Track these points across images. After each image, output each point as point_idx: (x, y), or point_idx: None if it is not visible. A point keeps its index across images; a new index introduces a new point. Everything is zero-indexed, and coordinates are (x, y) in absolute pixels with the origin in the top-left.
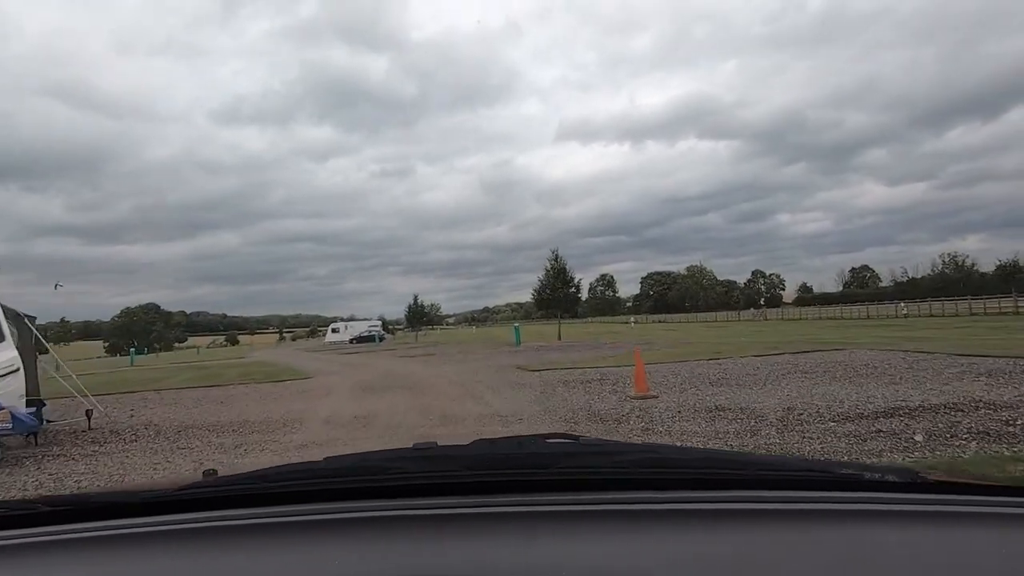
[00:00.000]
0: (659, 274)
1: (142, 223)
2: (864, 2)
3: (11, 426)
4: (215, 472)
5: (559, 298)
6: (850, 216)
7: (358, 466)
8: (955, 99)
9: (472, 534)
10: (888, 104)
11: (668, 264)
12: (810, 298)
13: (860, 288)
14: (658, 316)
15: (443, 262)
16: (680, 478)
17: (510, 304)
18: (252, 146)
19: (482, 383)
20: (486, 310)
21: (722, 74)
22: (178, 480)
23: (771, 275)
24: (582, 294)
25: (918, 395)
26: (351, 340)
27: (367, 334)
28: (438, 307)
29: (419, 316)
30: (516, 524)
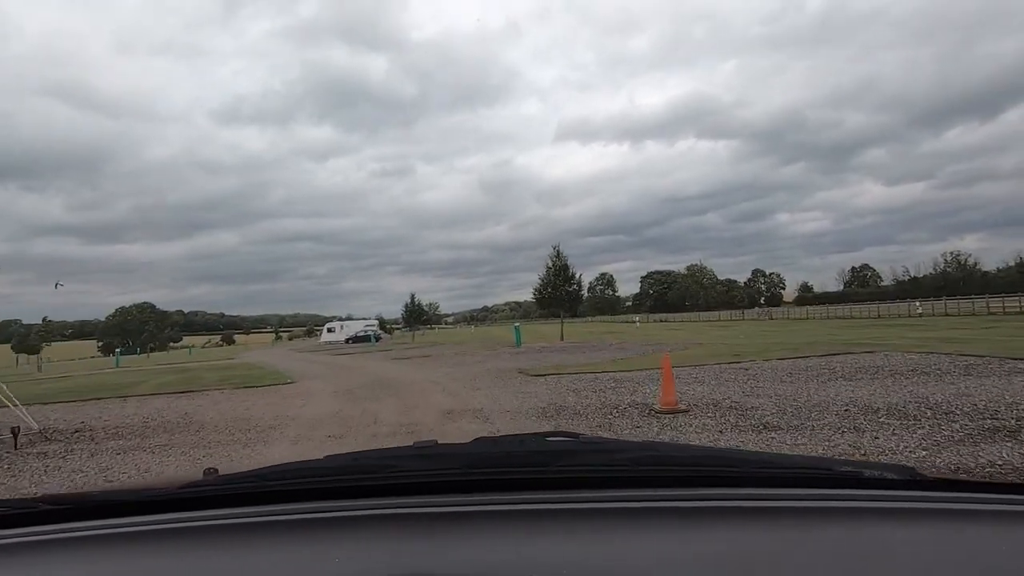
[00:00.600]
0: (659, 273)
1: (141, 223)
2: (863, 2)
3: None
4: (215, 470)
5: (561, 296)
6: (849, 216)
7: (358, 464)
8: (954, 99)
9: (472, 532)
10: (887, 104)
11: (667, 264)
12: (811, 297)
13: (861, 287)
14: (658, 315)
15: (442, 261)
16: (680, 476)
17: (509, 303)
18: (252, 146)
19: (481, 391)
20: (485, 309)
21: (721, 74)
22: (178, 479)
23: (771, 274)
24: (584, 292)
25: None
26: (347, 340)
27: (363, 334)
28: (437, 306)
29: (416, 315)
30: (516, 522)
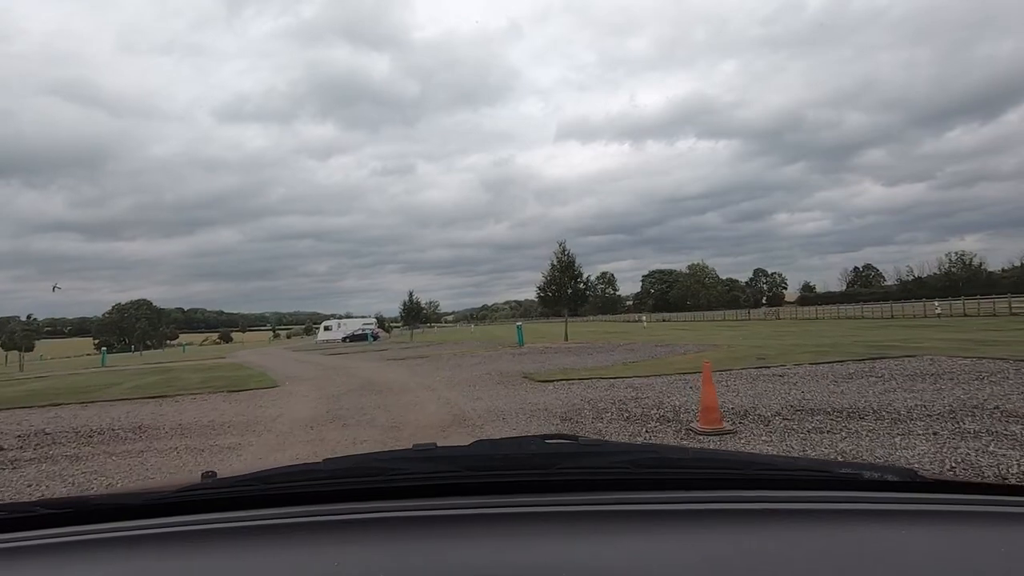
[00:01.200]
0: (660, 272)
1: (143, 220)
2: (861, 4)
3: None
4: (214, 474)
5: (567, 295)
6: (848, 216)
7: (357, 467)
8: (954, 100)
9: (472, 535)
10: (887, 104)
11: (667, 263)
12: (814, 297)
13: (864, 287)
14: (660, 315)
15: (442, 260)
16: (680, 478)
17: (509, 302)
18: (254, 144)
19: (481, 402)
20: (485, 308)
21: (721, 74)
22: (177, 482)
23: (774, 274)
24: (590, 291)
25: None
26: (344, 339)
27: (360, 332)
28: (437, 304)
29: (415, 314)
30: (516, 525)
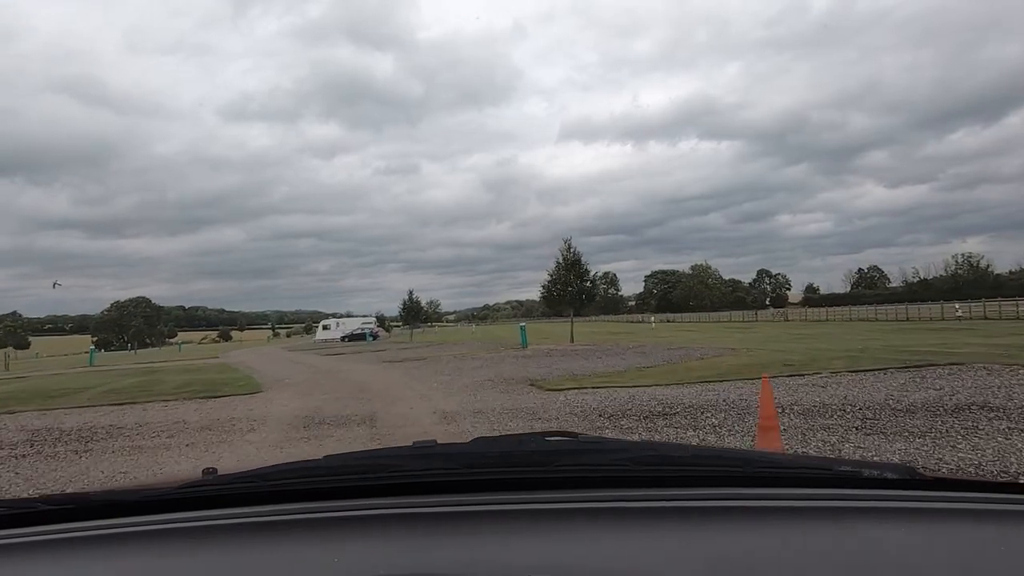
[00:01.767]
0: (663, 272)
1: (146, 218)
2: (865, 5)
3: None
4: (215, 470)
5: (573, 294)
6: (850, 217)
7: (357, 464)
8: (957, 102)
9: (472, 532)
10: (889, 106)
11: (669, 263)
12: (818, 298)
13: (868, 289)
14: (664, 315)
15: (444, 259)
16: (679, 475)
17: (511, 302)
18: (258, 143)
19: (482, 415)
20: (486, 307)
21: (724, 76)
22: (177, 478)
23: (777, 274)
24: (597, 290)
25: None
26: (342, 338)
27: (359, 332)
28: (438, 304)
29: (415, 313)
30: (516, 522)
